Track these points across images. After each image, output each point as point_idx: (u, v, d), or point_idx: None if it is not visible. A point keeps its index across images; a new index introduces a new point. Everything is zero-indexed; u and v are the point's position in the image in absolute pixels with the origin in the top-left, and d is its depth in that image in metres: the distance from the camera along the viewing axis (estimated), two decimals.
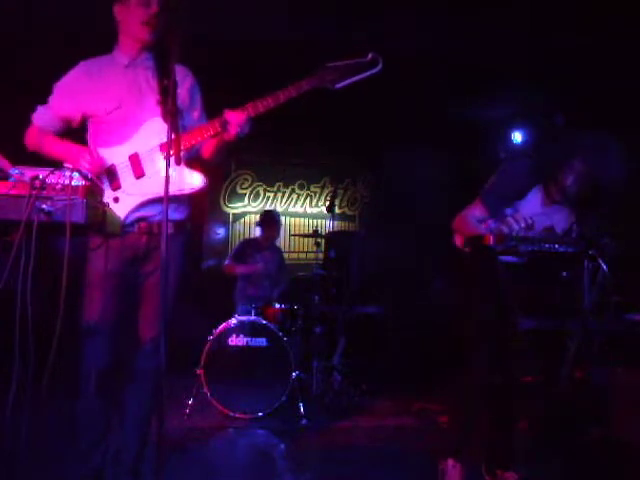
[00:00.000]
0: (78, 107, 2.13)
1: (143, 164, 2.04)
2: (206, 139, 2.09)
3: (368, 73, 2.21)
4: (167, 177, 1.74)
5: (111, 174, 2.04)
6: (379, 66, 2.20)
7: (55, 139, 2.14)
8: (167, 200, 1.73)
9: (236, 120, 2.04)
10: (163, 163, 2.00)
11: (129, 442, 2.12)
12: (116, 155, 2.04)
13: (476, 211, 2.42)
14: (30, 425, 1.49)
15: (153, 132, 2.06)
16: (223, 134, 2.08)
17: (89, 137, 2.17)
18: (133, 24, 2.07)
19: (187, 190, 2.06)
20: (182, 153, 2.01)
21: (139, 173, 2.04)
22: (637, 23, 3.60)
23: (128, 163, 2.04)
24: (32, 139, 2.19)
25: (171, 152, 1.76)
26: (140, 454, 2.12)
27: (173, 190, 1.99)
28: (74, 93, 2.12)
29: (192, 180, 2.06)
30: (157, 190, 2.01)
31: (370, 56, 2.20)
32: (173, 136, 1.78)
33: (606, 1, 3.54)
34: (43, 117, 2.17)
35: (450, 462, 2.42)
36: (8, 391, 1.42)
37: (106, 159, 2.03)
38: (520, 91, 4.76)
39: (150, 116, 2.09)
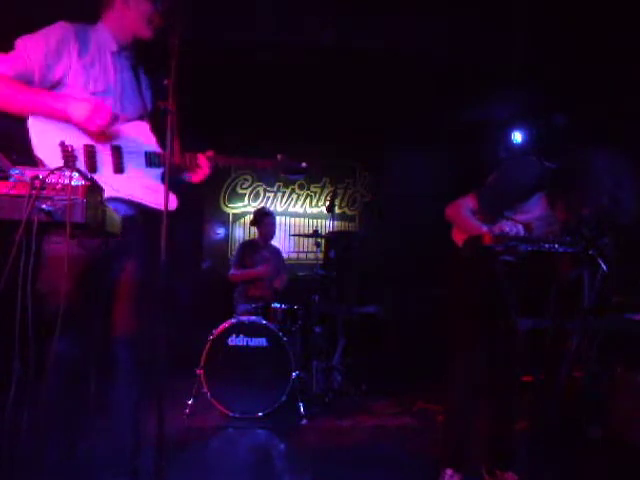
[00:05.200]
0: (63, 68, 1.91)
1: (125, 162, 1.98)
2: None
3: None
4: (168, 174, 1.75)
5: (90, 155, 1.91)
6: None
7: (41, 90, 1.88)
8: (167, 197, 1.74)
9: (206, 170, 2.12)
10: (146, 171, 2.00)
11: (124, 441, 2.09)
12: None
13: (469, 203, 2.42)
14: (30, 425, 1.49)
15: (139, 135, 2.02)
16: (188, 174, 2.16)
17: None
18: (135, 18, 2.02)
19: (159, 207, 1.97)
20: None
21: (119, 169, 1.97)
22: (637, 23, 3.60)
23: (110, 153, 1.95)
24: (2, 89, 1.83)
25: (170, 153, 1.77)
26: (136, 452, 2.10)
27: (149, 202, 2.00)
28: (62, 51, 1.91)
29: (168, 201, 2.04)
30: (130, 193, 1.97)
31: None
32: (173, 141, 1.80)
33: (606, 2, 3.55)
34: (15, 65, 1.86)
35: (448, 472, 2.43)
36: (8, 391, 1.42)
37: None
38: (520, 91, 4.76)
39: (133, 117, 2.06)
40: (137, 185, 1.98)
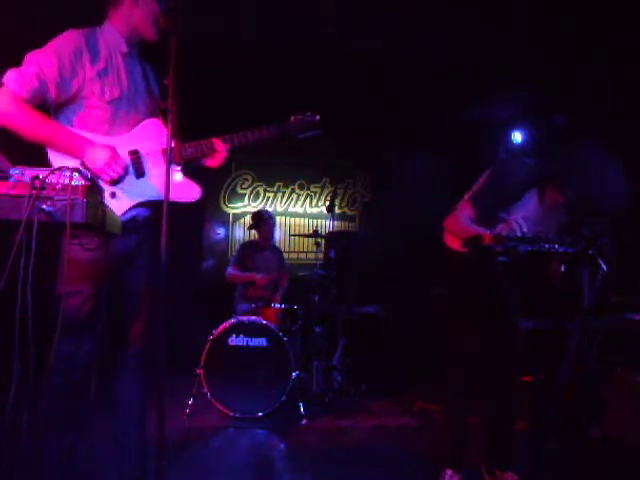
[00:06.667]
0: (78, 82, 1.89)
1: (145, 164, 1.99)
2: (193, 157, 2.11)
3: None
4: (167, 177, 1.74)
5: None
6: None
7: (62, 126, 1.89)
8: (167, 199, 1.73)
9: (223, 153, 2.12)
10: (164, 168, 1.99)
11: (130, 443, 2.10)
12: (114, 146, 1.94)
13: (466, 211, 2.43)
14: (30, 425, 1.49)
15: (153, 133, 2.02)
16: (206, 160, 2.17)
17: (75, 120, 1.93)
18: (142, 17, 2.01)
19: (185, 200, 2.04)
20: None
21: (140, 173, 1.98)
22: (637, 23, 3.60)
23: (129, 159, 1.97)
24: (14, 113, 1.79)
25: (172, 155, 1.77)
26: (144, 455, 2.10)
27: (173, 197, 1.99)
28: (76, 65, 1.88)
29: (191, 191, 2.06)
30: (155, 194, 1.98)
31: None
32: (174, 139, 1.79)
33: (606, 2, 3.55)
34: (29, 85, 1.81)
35: (449, 472, 2.43)
36: (8, 391, 1.42)
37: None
38: (520, 91, 4.76)
39: (146, 115, 2.06)
40: (159, 184, 1.98)
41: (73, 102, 1.93)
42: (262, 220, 4.65)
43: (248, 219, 6.07)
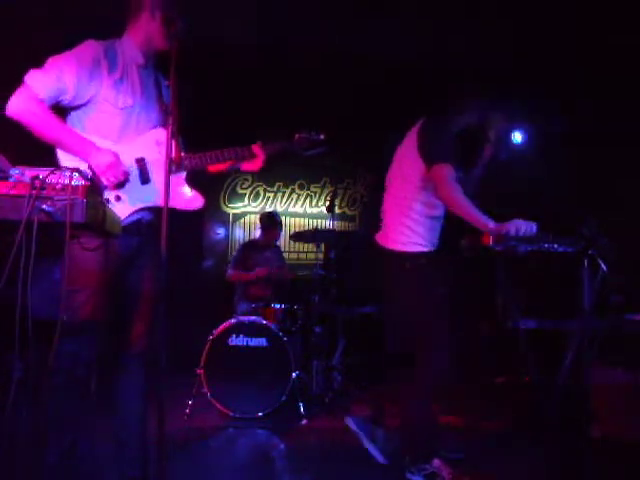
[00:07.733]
0: (95, 87, 1.96)
1: (149, 171, 2.06)
2: (221, 162, 2.21)
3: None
4: (167, 180, 1.75)
5: None
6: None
7: (71, 129, 1.97)
8: (167, 203, 1.74)
9: (262, 157, 2.24)
10: (171, 176, 2.00)
11: (130, 442, 2.10)
12: (120, 153, 1.99)
13: (449, 174, 2.44)
14: (30, 425, 1.49)
15: (160, 142, 2.06)
16: (246, 165, 2.29)
17: (87, 124, 2.00)
18: (158, 30, 2.07)
19: (187, 208, 2.11)
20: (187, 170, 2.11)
21: (145, 180, 2.05)
22: (636, 25, 3.61)
23: (135, 166, 2.04)
24: (31, 111, 1.87)
25: (173, 159, 1.79)
26: (145, 457, 2.10)
27: (176, 205, 2.08)
28: (94, 71, 1.97)
29: (193, 200, 2.14)
30: (158, 200, 2.02)
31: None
32: (174, 140, 1.80)
33: (605, 3, 3.56)
34: (46, 84, 1.89)
35: (436, 462, 2.46)
36: (8, 391, 1.42)
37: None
38: (520, 91, 4.77)
39: (157, 124, 2.12)
40: (163, 191, 1.98)
41: (86, 107, 2.01)
42: (274, 224, 4.65)
43: (248, 219, 6.09)
